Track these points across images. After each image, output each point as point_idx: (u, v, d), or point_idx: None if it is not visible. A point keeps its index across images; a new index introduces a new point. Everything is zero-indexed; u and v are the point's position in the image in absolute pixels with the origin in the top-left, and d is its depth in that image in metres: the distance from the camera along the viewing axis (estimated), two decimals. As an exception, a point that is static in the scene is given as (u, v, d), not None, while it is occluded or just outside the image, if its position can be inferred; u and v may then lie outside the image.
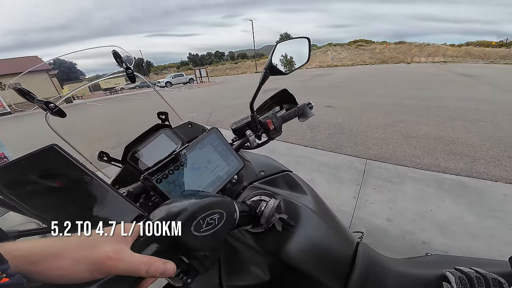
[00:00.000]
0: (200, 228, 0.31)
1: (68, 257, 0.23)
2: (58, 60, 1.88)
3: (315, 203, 0.62)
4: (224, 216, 0.35)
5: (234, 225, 0.40)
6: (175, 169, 0.47)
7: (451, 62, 23.32)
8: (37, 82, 22.10)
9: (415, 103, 5.97)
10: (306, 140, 3.94)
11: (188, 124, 0.79)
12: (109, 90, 24.73)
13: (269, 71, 0.57)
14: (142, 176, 0.43)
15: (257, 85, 0.57)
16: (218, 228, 0.34)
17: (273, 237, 0.51)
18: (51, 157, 0.29)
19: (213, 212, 0.34)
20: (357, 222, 1.94)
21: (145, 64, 76.00)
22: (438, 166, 2.77)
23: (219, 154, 0.54)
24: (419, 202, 2.13)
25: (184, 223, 0.29)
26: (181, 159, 0.47)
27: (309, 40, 0.67)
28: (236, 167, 0.57)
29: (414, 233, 1.78)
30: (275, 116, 0.68)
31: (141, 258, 0.25)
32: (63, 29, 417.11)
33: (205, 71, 26.57)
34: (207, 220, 0.32)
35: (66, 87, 24.60)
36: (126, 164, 0.63)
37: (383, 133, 4.03)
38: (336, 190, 2.41)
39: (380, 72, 16.99)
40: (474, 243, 1.66)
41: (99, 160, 0.62)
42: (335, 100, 7.17)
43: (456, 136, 3.67)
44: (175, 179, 0.46)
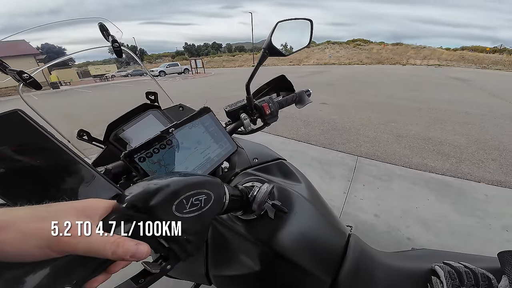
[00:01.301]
0: (183, 209, 0.28)
1: (14, 230, 0.19)
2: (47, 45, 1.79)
3: (308, 192, 0.60)
4: (211, 197, 0.32)
5: (223, 209, 0.37)
6: (161, 147, 0.43)
7: (445, 65, 23.79)
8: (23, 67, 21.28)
9: (407, 104, 6.08)
10: (300, 135, 3.95)
11: (180, 107, 0.75)
12: (99, 77, 23.87)
13: (268, 51, 0.53)
14: (123, 154, 0.39)
15: (255, 65, 0.54)
16: (204, 210, 0.31)
17: (264, 225, 0.49)
18: (14, 124, 0.25)
19: (199, 192, 0.31)
20: (346, 217, 1.98)
21: (139, 52, 73.52)
22: (425, 166, 2.84)
23: (210, 135, 0.51)
24: (405, 199, 2.19)
25: (163, 201, 0.27)
26: (168, 137, 0.44)
27: (311, 23, 0.63)
28: (228, 150, 0.54)
29: (400, 229, 1.83)
30: (272, 100, 0.65)
31: (107, 237, 0.22)
32: (53, 14, 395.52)
33: (201, 62, 25.89)
34: (191, 200, 0.30)
35: (54, 72, 23.33)
36: (109, 145, 0.59)
37: (375, 132, 4.09)
38: (327, 185, 2.44)
39: (376, 72, 17.14)
40: (453, 240, 1.73)
41: (79, 139, 0.58)
42: (331, 97, 7.20)
43: (444, 137, 3.77)
44: (161, 159, 0.43)
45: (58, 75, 6.89)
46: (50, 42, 0.76)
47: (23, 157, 0.26)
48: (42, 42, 0.72)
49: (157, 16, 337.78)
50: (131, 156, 0.39)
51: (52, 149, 0.28)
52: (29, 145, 0.26)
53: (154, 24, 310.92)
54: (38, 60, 4.84)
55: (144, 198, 0.26)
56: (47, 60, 0.74)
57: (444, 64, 24.30)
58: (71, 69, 8.03)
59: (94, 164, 0.57)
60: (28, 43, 3.58)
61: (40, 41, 0.85)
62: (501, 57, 24.31)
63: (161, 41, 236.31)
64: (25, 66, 2.08)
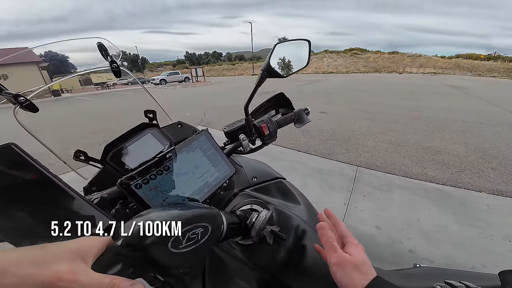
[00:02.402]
0: (179, 245, 0.28)
1: (11, 275, 0.19)
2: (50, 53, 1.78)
3: (308, 213, 0.60)
4: (209, 230, 0.32)
5: (221, 239, 0.37)
6: (158, 173, 0.42)
7: (441, 73, 24.19)
8: (25, 74, 21.21)
9: (405, 113, 6.14)
10: (299, 145, 3.96)
11: (178, 124, 0.74)
12: (101, 85, 24.11)
13: (266, 72, 0.53)
14: (119, 181, 0.38)
15: (253, 87, 0.54)
16: (201, 243, 0.30)
17: (263, 250, 0.49)
18: (8, 157, 0.25)
19: (196, 226, 0.30)
20: (346, 229, 1.95)
21: (140, 61, 74.74)
22: (425, 175, 2.84)
23: (208, 158, 0.51)
24: (407, 210, 2.17)
25: (159, 241, 0.26)
26: (165, 163, 0.43)
27: (309, 43, 0.63)
28: (226, 174, 0.53)
29: (401, 241, 1.80)
30: (271, 120, 0.64)
31: (102, 279, 0.22)
32: (58, 21, 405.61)
33: (201, 71, 26.28)
34: (188, 235, 0.29)
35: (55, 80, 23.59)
36: (106, 165, 0.59)
37: (374, 141, 4.10)
38: (327, 196, 2.42)
39: (373, 80, 17.41)
40: (456, 251, 1.70)
41: (75, 159, 0.58)
42: (329, 106, 7.28)
43: (443, 146, 3.78)
44: (158, 185, 0.42)
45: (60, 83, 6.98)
46: (53, 50, 0.77)
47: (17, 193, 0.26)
48: (45, 50, 0.73)
49: (159, 25, 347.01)
50: (128, 183, 0.39)
51: (45, 183, 0.27)
52: (21, 178, 0.26)
53: (156, 33, 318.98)
54: (41, 67, 5.02)
55: (139, 238, 0.25)
56: (50, 68, 0.74)
57: (440, 72, 24.72)
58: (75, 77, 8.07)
59: (90, 184, 0.57)
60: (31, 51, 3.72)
61: (43, 49, 0.87)
62: (496, 64, 24.76)
63: (163, 49, 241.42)
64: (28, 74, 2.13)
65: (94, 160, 0.60)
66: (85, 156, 0.59)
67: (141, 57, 79.00)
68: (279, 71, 0.57)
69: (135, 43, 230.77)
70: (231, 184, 0.64)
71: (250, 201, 0.58)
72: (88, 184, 0.57)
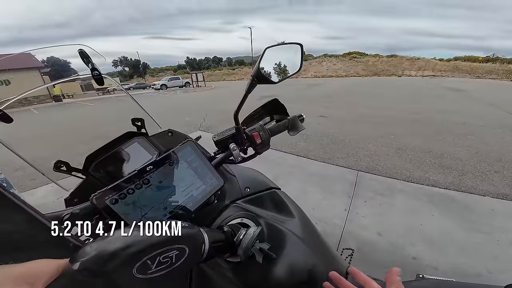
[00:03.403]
0: (147, 270, 0.25)
1: None
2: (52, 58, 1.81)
3: (302, 227, 0.57)
4: (185, 252, 0.29)
5: (202, 259, 0.34)
6: (137, 187, 0.39)
7: (440, 76, 24.29)
8: (27, 79, 21.42)
9: (405, 116, 6.12)
10: (299, 150, 3.93)
11: (168, 132, 0.72)
12: (102, 90, 24.32)
13: (256, 78, 0.50)
14: (92, 196, 0.36)
15: (243, 94, 0.51)
16: (175, 266, 0.27)
17: (252, 268, 0.46)
18: None
19: (170, 249, 0.27)
20: (348, 236, 1.90)
21: (142, 66, 75.58)
22: (427, 180, 2.79)
23: (193, 170, 0.47)
24: (409, 216, 2.13)
25: (122, 265, 0.23)
26: (145, 176, 0.40)
27: (301, 47, 0.60)
28: (213, 186, 0.50)
29: (404, 248, 1.75)
30: (263, 128, 0.61)
31: None
32: (60, 27, 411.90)
33: (201, 76, 26.48)
34: (158, 259, 0.26)
35: (57, 85, 24.03)
36: (88, 176, 0.56)
37: (375, 145, 4.07)
38: (327, 202, 2.38)
39: (372, 84, 17.49)
40: (461, 258, 1.65)
41: (55, 171, 0.55)
42: (329, 110, 7.28)
43: (445, 149, 3.74)
44: (136, 200, 0.39)
45: (62, 87, 7.09)
46: (55, 55, 0.75)
47: None
48: (48, 55, 0.71)
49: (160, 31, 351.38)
50: (102, 198, 0.36)
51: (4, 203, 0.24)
52: None
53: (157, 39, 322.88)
54: (43, 73, 5.01)
55: (98, 262, 0.22)
56: (52, 73, 0.72)
57: (439, 75, 24.83)
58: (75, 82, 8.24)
59: (72, 196, 0.55)
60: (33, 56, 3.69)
61: (45, 54, 0.85)
62: (494, 66, 24.83)
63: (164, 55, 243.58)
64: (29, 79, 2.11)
65: (77, 170, 0.57)
66: (66, 166, 0.56)
67: (142, 62, 79.83)
68: (270, 77, 0.54)
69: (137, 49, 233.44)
70: (222, 195, 0.61)
71: (241, 214, 0.55)
72: (69, 196, 0.55)
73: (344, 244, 1.81)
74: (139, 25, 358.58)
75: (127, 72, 79.58)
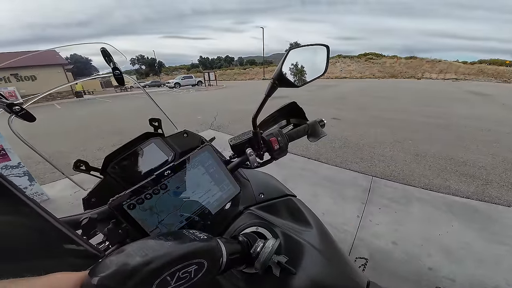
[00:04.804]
0: (166, 286, 0.24)
1: None
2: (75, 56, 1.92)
3: (320, 238, 0.54)
4: (204, 266, 0.28)
5: (220, 272, 0.32)
6: (154, 193, 0.39)
7: (463, 79, 22.96)
8: (52, 76, 22.70)
9: (425, 120, 5.84)
10: (310, 153, 3.86)
11: (184, 133, 0.71)
12: (120, 88, 25.29)
13: (277, 81, 0.47)
14: (110, 201, 0.36)
15: (263, 97, 0.48)
16: (194, 281, 0.26)
17: (269, 281, 0.43)
18: None
19: (190, 264, 0.26)
20: (360, 243, 1.83)
21: (157, 65, 77.84)
22: (448, 188, 2.64)
23: (211, 176, 0.46)
24: (427, 225, 2.02)
25: (141, 283, 0.22)
26: (163, 181, 0.39)
27: (327, 48, 0.57)
28: (230, 193, 0.48)
29: (420, 259, 1.67)
30: (281, 133, 0.58)
31: None
32: (81, 26, 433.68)
33: (214, 75, 26.76)
34: (178, 274, 0.25)
35: (79, 82, 25.21)
36: (106, 176, 0.57)
37: (391, 150, 3.91)
38: (339, 207, 2.31)
39: (389, 86, 16.88)
40: (480, 270, 1.56)
41: (75, 170, 0.55)
42: (342, 112, 7.10)
43: (467, 157, 3.53)
44: (153, 205, 0.38)
45: (83, 84, 7.63)
46: (78, 53, 0.78)
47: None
48: (71, 52, 0.73)
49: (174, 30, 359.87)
50: (120, 204, 0.36)
51: (22, 208, 0.24)
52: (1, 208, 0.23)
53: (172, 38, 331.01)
54: (66, 70, 5.29)
55: (117, 279, 0.22)
56: (74, 70, 0.73)
57: (462, 78, 23.47)
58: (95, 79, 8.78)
59: (89, 195, 0.55)
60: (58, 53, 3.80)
61: (69, 51, 0.89)
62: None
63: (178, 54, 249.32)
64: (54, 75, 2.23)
65: (95, 169, 0.58)
66: (86, 165, 0.56)
67: (158, 61, 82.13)
68: (292, 80, 0.51)
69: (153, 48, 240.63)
70: (236, 201, 0.59)
71: (256, 222, 0.53)
72: (87, 195, 0.55)
73: (356, 251, 1.75)
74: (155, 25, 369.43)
75: (143, 70, 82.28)
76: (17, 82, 19.76)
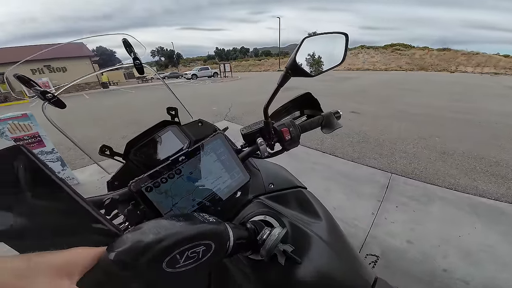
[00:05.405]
0: (175, 264, 0.26)
1: None
2: (101, 48, 2.05)
3: (328, 231, 0.53)
4: (212, 248, 0.29)
5: (226, 255, 0.34)
6: (170, 177, 0.41)
7: (504, 74, 20.52)
8: (80, 67, 24.15)
9: (455, 116, 5.38)
10: (325, 147, 3.77)
11: (198, 122, 0.74)
12: (141, 79, 26.31)
13: (290, 71, 0.45)
14: (130, 183, 0.38)
15: (275, 87, 0.48)
16: (201, 261, 0.28)
17: (274, 269, 0.44)
18: (15, 160, 0.24)
19: (198, 244, 0.28)
20: (372, 241, 1.79)
21: (176, 56, 79.34)
22: (475, 189, 2.46)
23: (222, 163, 0.47)
24: (447, 225, 1.92)
25: (153, 259, 0.24)
26: (177, 166, 0.41)
27: (346, 37, 0.53)
28: (240, 181, 0.50)
29: (435, 259, 1.61)
30: (293, 124, 0.57)
31: None
32: (106, 19, 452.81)
33: (229, 66, 26.71)
34: (187, 253, 0.27)
35: (105, 73, 26.83)
36: (128, 161, 0.60)
37: (415, 147, 3.69)
38: (352, 203, 2.26)
39: (417, 79, 15.65)
40: (502, 274, 1.47)
41: (100, 154, 0.60)
42: (363, 106, 6.76)
43: (501, 156, 3.22)
44: (168, 189, 0.41)
45: (108, 75, 8.06)
46: (103, 45, 0.82)
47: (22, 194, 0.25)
48: (97, 45, 0.77)
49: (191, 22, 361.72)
50: (138, 185, 0.38)
51: (51, 186, 0.26)
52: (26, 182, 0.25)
53: (189, 30, 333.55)
54: (93, 61, 5.66)
55: (132, 255, 0.23)
56: (100, 62, 0.78)
57: (502, 72, 20.94)
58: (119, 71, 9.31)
59: (113, 179, 0.59)
60: (85, 46, 4.10)
61: (95, 44, 0.94)
62: None
63: (195, 45, 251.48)
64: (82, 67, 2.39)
65: (119, 155, 0.62)
66: (110, 151, 0.60)
67: (176, 52, 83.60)
68: (306, 69, 0.49)
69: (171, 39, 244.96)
70: (246, 189, 0.60)
71: (264, 211, 0.54)
72: (111, 179, 0.60)
73: (367, 249, 1.71)
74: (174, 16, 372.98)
75: (162, 62, 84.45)
76: (49, 73, 21.29)
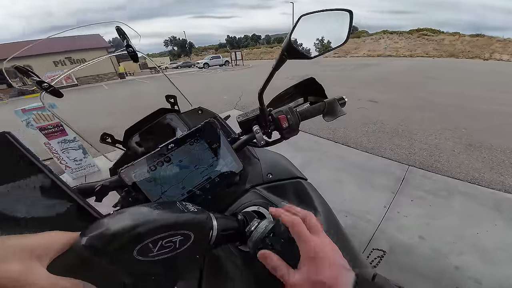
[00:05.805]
0: (148, 252, 0.25)
1: None
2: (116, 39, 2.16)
3: (326, 225, 0.51)
4: (190, 238, 0.28)
5: (211, 246, 0.33)
6: (159, 165, 0.40)
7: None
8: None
9: (485, 107, 4.90)
10: (337, 136, 3.63)
11: (198, 110, 0.72)
12: (154, 69, 26.80)
13: (286, 53, 0.41)
14: (119, 170, 0.38)
15: (270, 71, 0.44)
16: (178, 252, 0.27)
17: None
18: (1, 145, 0.24)
19: (175, 234, 0.27)
20: (381, 235, 1.73)
21: (188, 45, 79.22)
22: (501, 184, 2.27)
23: (213, 152, 0.46)
24: (465, 221, 1.81)
25: (122, 246, 0.23)
26: (167, 153, 0.41)
27: (351, 14, 0.47)
28: (233, 170, 0.48)
29: (448, 256, 1.53)
30: (292, 111, 0.53)
31: (55, 282, 0.20)
32: (118, 9, 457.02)
33: (240, 54, 26.28)
34: (161, 243, 0.26)
35: (122, 64, 27.60)
36: (127, 149, 0.61)
37: (437, 138, 3.44)
38: (364, 196, 2.19)
39: (444, 66, 14.37)
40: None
41: (102, 142, 0.60)
42: (381, 94, 6.37)
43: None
44: (157, 177, 0.40)
45: (125, 66, 8.29)
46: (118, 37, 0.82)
47: (6, 180, 0.25)
48: (112, 36, 0.79)
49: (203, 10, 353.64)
50: (128, 173, 0.38)
51: (35, 173, 0.26)
52: (11, 169, 0.25)
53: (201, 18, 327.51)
54: (109, 52, 5.59)
55: (101, 241, 0.23)
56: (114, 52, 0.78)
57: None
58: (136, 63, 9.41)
59: (115, 166, 0.60)
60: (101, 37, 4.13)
61: (111, 35, 0.93)
62: None
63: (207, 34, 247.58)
64: None
65: (120, 142, 0.62)
66: (111, 138, 0.61)
67: (188, 41, 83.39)
68: (303, 51, 0.44)
69: (183, 28, 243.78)
70: (243, 178, 0.59)
71: (258, 202, 0.52)
72: (113, 166, 0.61)
73: (375, 243, 1.66)
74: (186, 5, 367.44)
75: (175, 52, 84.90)
76: (70, 64, 22.26)
